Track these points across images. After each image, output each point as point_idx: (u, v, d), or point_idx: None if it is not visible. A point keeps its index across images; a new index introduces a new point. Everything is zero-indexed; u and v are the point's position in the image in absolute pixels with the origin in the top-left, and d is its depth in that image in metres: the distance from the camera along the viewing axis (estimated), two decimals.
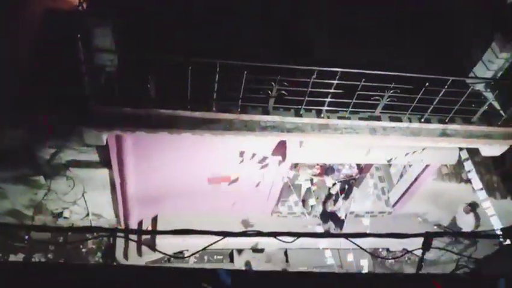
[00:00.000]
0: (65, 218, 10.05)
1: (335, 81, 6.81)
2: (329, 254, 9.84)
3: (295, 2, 8.49)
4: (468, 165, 9.14)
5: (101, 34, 6.08)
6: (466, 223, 10.75)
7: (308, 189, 10.53)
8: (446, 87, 7.09)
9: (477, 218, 10.65)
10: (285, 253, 11.03)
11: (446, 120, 7.84)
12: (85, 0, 6.62)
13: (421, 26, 8.38)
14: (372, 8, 8.38)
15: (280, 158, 8.70)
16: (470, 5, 8.30)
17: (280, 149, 8.37)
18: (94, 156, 9.45)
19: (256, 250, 10.85)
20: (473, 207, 10.69)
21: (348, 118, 7.52)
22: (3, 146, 9.04)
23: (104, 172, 9.49)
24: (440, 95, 7.23)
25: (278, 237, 2.92)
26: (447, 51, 8.31)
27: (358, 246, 4.10)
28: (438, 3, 8.78)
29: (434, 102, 7.39)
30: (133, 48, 6.68)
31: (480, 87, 8.19)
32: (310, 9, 8.38)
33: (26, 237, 9.05)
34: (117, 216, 10.33)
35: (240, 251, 10.91)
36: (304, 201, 10.66)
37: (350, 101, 7.16)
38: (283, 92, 6.94)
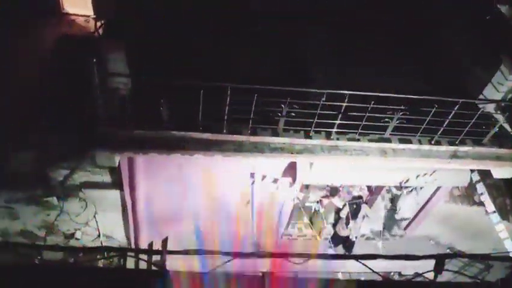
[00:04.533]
0: (76, 239, 10.10)
1: (344, 104, 6.87)
2: (340, 277, 9.72)
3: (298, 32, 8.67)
4: (480, 187, 9.09)
5: (115, 58, 6.25)
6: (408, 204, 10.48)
7: (317, 211, 10.47)
8: (455, 108, 7.12)
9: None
10: None
11: (457, 142, 7.83)
12: (100, 26, 6.84)
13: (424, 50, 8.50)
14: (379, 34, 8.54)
15: (290, 179, 8.70)
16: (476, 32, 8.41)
17: (290, 170, 8.38)
18: (106, 178, 9.55)
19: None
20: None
21: (358, 140, 7.55)
22: (16, 168, 9.20)
23: (115, 193, 9.57)
24: (450, 116, 7.24)
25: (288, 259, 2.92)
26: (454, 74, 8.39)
27: (370, 269, 4.08)
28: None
29: (444, 124, 7.40)
30: (146, 71, 6.84)
31: (490, 109, 8.19)
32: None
33: (38, 257, 9.10)
34: (128, 237, 10.34)
35: None
36: (312, 223, 10.58)
37: (360, 123, 7.20)
38: (292, 113, 7.02)
